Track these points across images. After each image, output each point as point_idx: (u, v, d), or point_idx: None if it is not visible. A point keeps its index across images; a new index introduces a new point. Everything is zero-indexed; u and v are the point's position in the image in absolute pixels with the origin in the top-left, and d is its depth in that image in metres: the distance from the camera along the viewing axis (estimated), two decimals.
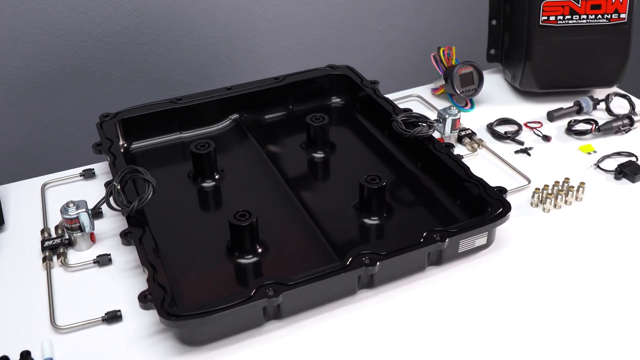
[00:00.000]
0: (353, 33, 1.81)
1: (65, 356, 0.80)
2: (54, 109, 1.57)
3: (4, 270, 0.93)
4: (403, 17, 1.85)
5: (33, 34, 1.46)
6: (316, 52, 1.79)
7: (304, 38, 1.76)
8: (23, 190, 1.07)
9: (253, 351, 0.81)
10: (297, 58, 1.78)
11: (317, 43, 1.78)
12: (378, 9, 1.81)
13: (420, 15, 1.86)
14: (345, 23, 1.78)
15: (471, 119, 1.25)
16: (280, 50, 1.75)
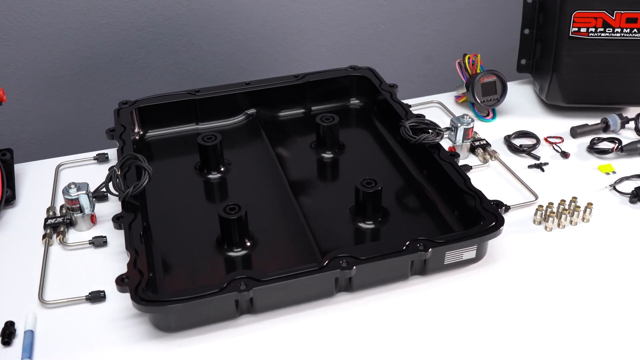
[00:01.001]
0: (395, 35, 1.79)
1: (45, 329, 0.83)
2: (96, 94, 1.63)
3: (7, 243, 0.97)
4: (448, 22, 1.82)
5: (79, 21, 1.53)
6: (355, 53, 1.78)
7: (343, 38, 1.76)
8: (39, 169, 1.12)
9: (224, 342, 0.82)
10: (336, 58, 1.78)
11: (357, 43, 1.77)
12: (422, 13, 1.78)
13: (466, 20, 1.83)
14: (386, 25, 1.77)
15: (491, 130, 1.22)
16: (319, 49, 1.76)
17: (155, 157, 1.15)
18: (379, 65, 1.83)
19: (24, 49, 1.52)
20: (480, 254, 0.92)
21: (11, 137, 1.62)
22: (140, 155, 0.97)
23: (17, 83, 1.55)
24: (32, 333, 0.82)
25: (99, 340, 0.82)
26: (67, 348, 0.81)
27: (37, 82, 1.57)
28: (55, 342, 0.82)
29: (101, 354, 0.80)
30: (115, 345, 0.81)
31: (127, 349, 0.81)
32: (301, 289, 0.85)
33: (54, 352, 0.80)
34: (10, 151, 1.09)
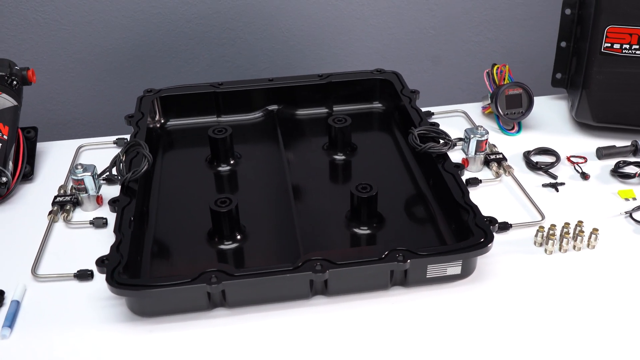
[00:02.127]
0: (444, 41, 1.75)
1: (32, 301, 0.88)
2: (144, 81, 1.69)
3: (17, 216, 1.03)
4: (502, 30, 1.77)
5: (132, 9, 1.58)
6: (403, 57, 1.76)
7: (392, 41, 1.74)
8: (61, 149, 1.18)
9: (195, 333, 0.83)
10: (383, 60, 1.76)
11: (405, 47, 1.75)
12: (475, 20, 1.74)
13: (521, 29, 1.77)
14: (436, 30, 1.74)
15: (514, 144, 1.18)
16: (366, 50, 1.75)
17: (172, 146, 1.18)
18: (426, 71, 1.82)
19: (80, 33, 1.59)
20: (467, 270, 0.89)
21: (64, 117, 1.70)
22: (144, 142, 1.00)
23: (73, 65, 1.63)
24: (17, 303, 0.86)
25: (76, 317, 0.85)
26: (46, 321, 0.85)
27: (89, 67, 1.64)
28: (38, 315, 0.86)
29: (75, 331, 0.83)
30: (90, 324, 0.84)
31: (101, 329, 0.83)
32: (275, 288, 0.85)
33: (34, 324, 0.84)
34: (35, 129, 1.15)
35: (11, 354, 0.81)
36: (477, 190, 1.06)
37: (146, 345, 0.82)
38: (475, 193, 1.06)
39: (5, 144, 1.04)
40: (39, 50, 1.60)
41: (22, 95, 1.13)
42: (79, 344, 0.82)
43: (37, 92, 1.66)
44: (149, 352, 0.81)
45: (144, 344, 0.82)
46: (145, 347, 0.81)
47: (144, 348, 0.81)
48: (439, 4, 1.70)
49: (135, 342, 0.82)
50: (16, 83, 1.09)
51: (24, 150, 1.09)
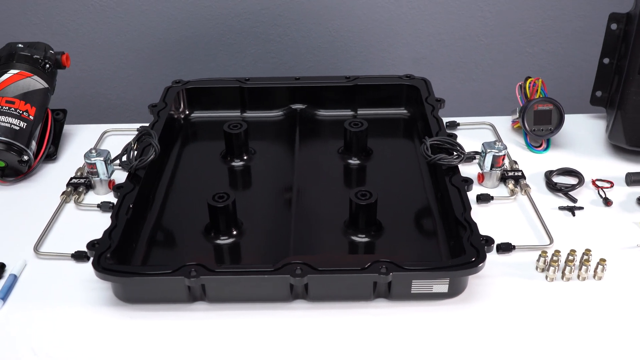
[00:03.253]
0: (497, 51, 1.70)
1: (29, 277, 0.91)
2: (191, 72, 1.73)
3: (35, 193, 1.08)
4: (560, 43, 1.69)
5: (183, 1, 1.62)
6: (452, 63, 1.71)
7: (440, 47, 1.70)
8: (88, 132, 1.22)
9: (174, 323, 0.84)
10: (430, 66, 1.73)
11: (453, 54, 1.70)
12: (530, 30, 1.67)
13: (580, 43, 1.68)
14: (489, 39, 1.68)
15: (540, 162, 1.12)
16: (413, 54, 1.71)
17: (192, 138, 1.20)
18: (475, 79, 1.76)
19: (133, 22, 1.65)
20: (455, 289, 0.86)
21: (113, 101, 1.76)
22: (153, 132, 1.02)
23: (125, 53, 1.69)
24: (14, 277, 0.90)
25: (66, 296, 0.88)
26: (38, 297, 0.88)
27: (140, 55, 1.69)
28: (31, 290, 0.89)
29: (62, 309, 0.86)
30: (77, 304, 0.87)
31: (85, 310, 0.86)
32: (255, 287, 0.85)
33: (26, 298, 0.88)
34: (64, 112, 1.19)
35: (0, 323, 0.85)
36: (487, 208, 1.02)
37: (125, 330, 0.83)
38: (485, 210, 1.02)
39: (30, 124, 1.08)
40: (94, 35, 1.66)
41: (55, 78, 1.17)
42: (62, 322, 0.84)
43: (89, 76, 1.73)
44: (126, 337, 0.82)
45: (123, 329, 0.84)
46: (124, 332, 0.83)
47: (123, 333, 0.83)
48: (493, 12, 1.64)
49: (115, 326, 0.84)
50: (49, 66, 1.14)
51: (51, 131, 1.14)
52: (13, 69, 1.10)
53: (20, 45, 1.13)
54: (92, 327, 0.84)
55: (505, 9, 1.63)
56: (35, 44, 1.15)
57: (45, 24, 1.64)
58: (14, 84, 1.09)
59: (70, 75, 1.72)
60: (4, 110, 1.06)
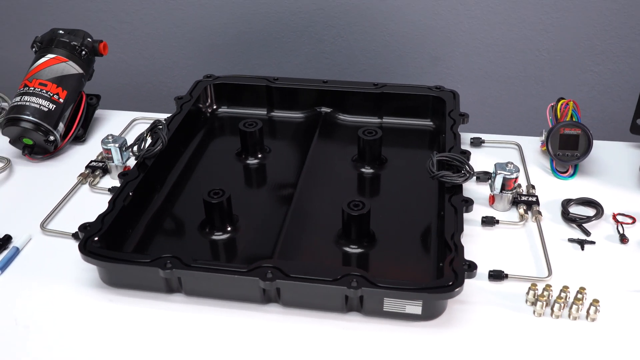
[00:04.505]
0: (557, 66, 1.61)
1: (31, 251, 0.96)
2: (246, 66, 1.76)
3: (57, 172, 1.13)
4: (630, 63, 1.58)
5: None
6: (509, 76, 1.65)
7: (498, 58, 1.63)
8: (119, 118, 1.27)
9: (150, 311, 0.86)
10: (487, 78, 1.67)
11: (512, 66, 1.64)
12: (596, 47, 1.57)
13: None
14: (551, 53, 1.60)
15: (562, 188, 1.06)
16: (470, 65, 1.66)
17: (215, 133, 1.22)
18: (534, 95, 1.69)
19: (192, 14, 1.69)
20: (430, 312, 0.82)
21: (168, 90, 1.82)
22: (164, 124, 1.05)
23: (185, 44, 1.74)
24: (16, 250, 0.96)
25: (58, 274, 0.92)
26: (33, 271, 0.93)
27: (197, 46, 1.74)
28: (28, 264, 0.94)
29: (50, 286, 0.90)
30: (65, 282, 0.90)
31: (71, 289, 0.89)
32: (227, 286, 0.85)
33: (22, 271, 0.93)
34: (98, 97, 1.25)
35: None
36: (491, 231, 0.98)
37: (102, 312, 0.86)
38: (489, 234, 0.97)
39: (59, 107, 1.14)
40: (156, 25, 1.73)
41: (91, 65, 1.23)
42: (48, 297, 0.88)
43: (150, 64, 1.80)
44: (102, 319, 0.85)
45: (101, 311, 0.87)
46: (101, 314, 0.86)
47: (99, 315, 0.86)
48: (555, 25, 1.56)
49: (94, 307, 0.87)
50: (85, 53, 1.19)
51: (82, 115, 1.20)
52: (51, 53, 1.16)
53: (61, 32, 1.19)
54: (73, 306, 0.87)
55: (570, 24, 1.55)
56: (75, 31, 1.20)
57: (112, 11, 1.72)
58: (49, 68, 1.15)
59: (133, 62, 1.80)
60: (36, 91, 1.12)
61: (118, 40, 1.78)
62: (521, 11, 1.56)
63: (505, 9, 1.57)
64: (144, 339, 0.83)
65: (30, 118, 1.10)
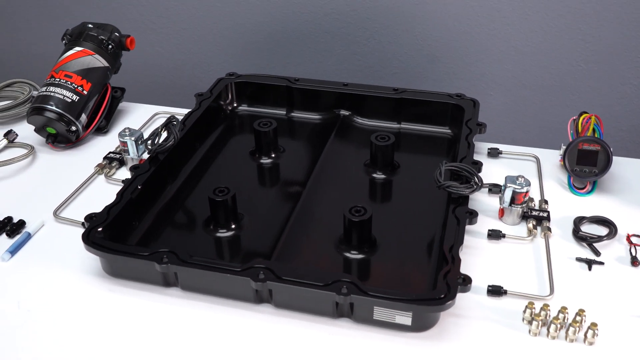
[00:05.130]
0: (596, 78, 1.56)
1: (40, 236, 1.00)
2: (279, 65, 1.77)
3: (77, 161, 1.16)
4: None
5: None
6: (542, 85, 1.61)
7: (532, 67, 1.60)
8: (143, 112, 1.30)
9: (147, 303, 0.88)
10: (520, 86, 1.63)
11: (547, 76, 1.60)
12: (637, 60, 1.52)
13: None
14: (589, 65, 1.55)
15: (578, 205, 1.03)
16: (503, 73, 1.63)
17: (233, 131, 1.23)
18: (568, 106, 1.64)
19: (228, 12, 1.72)
20: (421, 324, 0.81)
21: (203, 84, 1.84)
22: (178, 121, 1.06)
23: (220, 40, 1.77)
24: (28, 235, 0.99)
25: (64, 261, 0.94)
26: (42, 256, 0.96)
27: (232, 43, 1.76)
28: (38, 249, 0.97)
29: (55, 271, 0.93)
30: (69, 270, 0.93)
31: (74, 277, 0.92)
32: (221, 284, 0.86)
33: (30, 256, 0.96)
34: (123, 90, 1.28)
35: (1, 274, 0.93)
36: (497, 245, 0.96)
37: (101, 301, 0.88)
38: (494, 247, 0.95)
39: (83, 98, 1.17)
40: (195, 22, 1.75)
41: (118, 59, 1.25)
42: (51, 283, 0.91)
43: (187, 59, 1.83)
44: (100, 308, 0.87)
45: (99, 299, 0.89)
46: (100, 303, 0.88)
47: (98, 303, 0.88)
48: (596, 36, 1.51)
49: (94, 296, 0.89)
50: (112, 47, 1.22)
51: (106, 107, 1.22)
52: (78, 46, 1.20)
53: (90, 26, 1.22)
54: (74, 293, 0.90)
55: (611, 35, 1.50)
56: (104, 25, 1.23)
57: (152, 5, 1.76)
58: (76, 60, 1.18)
59: (169, 56, 1.83)
60: (61, 83, 1.16)
61: (156, 35, 1.82)
62: (559, 20, 1.52)
63: (543, 17, 1.53)
64: (137, 330, 0.84)
65: (54, 108, 1.14)
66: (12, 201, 1.07)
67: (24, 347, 0.82)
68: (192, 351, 0.81)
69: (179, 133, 1.05)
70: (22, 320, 0.86)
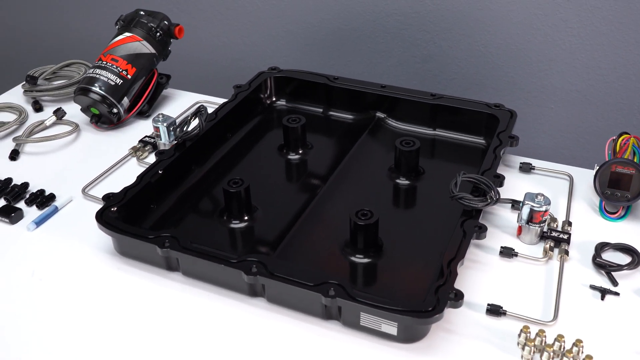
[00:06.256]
0: None
1: (66, 211, 1.05)
2: (340, 63, 1.77)
3: (116, 142, 1.21)
4: None
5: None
6: (608, 103, 1.52)
7: (598, 82, 1.51)
8: (185, 99, 1.33)
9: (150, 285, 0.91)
10: (584, 101, 1.55)
11: (613, 92, 1.51)
12: None
13: None
14: None
15: (607, 230, 0.97)
16: (567, 86, 1.55)
17: (267, 124, 1.24)
18: (637, 127, 1.53)
19: (293, 7, 1.73)
20: (407, 335, 0.79)
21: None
22: (206, 110, 1.09)
23: (283, 34, 1.79)
24: (55, 209, 1.04)
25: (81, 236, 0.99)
26: (62, 230, 1.01)
27: (294, 38, 1.77)
28: (62, 223, 1.02)
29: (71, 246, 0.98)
30: (85, 245, 0.97)
31: (88, 252, 0.96)
32: (218, 273, 0.87)
33: (53, 229, 1.01)
34: (168, 77, 1.32)
35: (24, 243, 0.99)
36: (508, 263, 0.92)
37: (107, 278, 0.92)
38: (505, 265, 0.91)
39: (126, 82, 1.22)
40: (260, 14, 1.78)
41: (166, 47, 1.30)
42: (66, 256, 0.96)
43: (251, 50, 1.86)
44: (105, 283, 0.91)
45: (107, 276, 0.93)
46: (106, 279, 0.92)
47: (104, 279, 0.92)
48: None
49: (102, 271, 0.93)
50: (160, 35, 1.26)
51: (150, 92, 1.27)
52: (128, 32, 1.25)
53: (142, 13, 1.27)
54: (85, 268, 0.94)
55: None
56: (155, 13, 1.27)
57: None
58: (124, 45, 1.23)
59: (235, 47, 1.87)
60: (107, 66, 1.21)
61: (223, 25, 1.86)
62: (630, 34, 1.43)
63: (612, 30, 1.45)
64: (135, 310, 0.87)
65: (98, 90, 1.19)
66: (50, 175, 1.13)
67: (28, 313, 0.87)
68: (183, 335, 0.83)
69: (205, 122, 1.07)
70: (33, 289, 0.91)
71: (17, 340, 0.83)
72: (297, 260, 0.92)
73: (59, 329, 0.85)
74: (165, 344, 0.82)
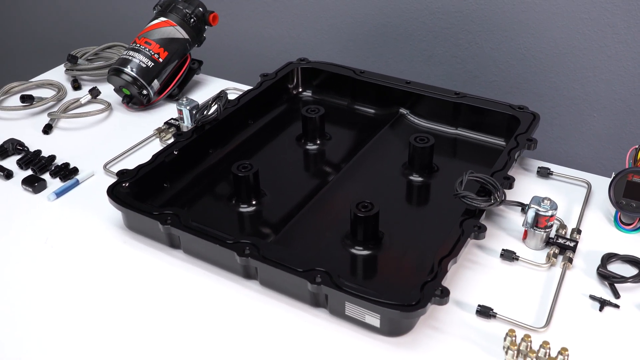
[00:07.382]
0: None
1: (86, 185, 1.09)
2: (380, 60, 1.77)
3: (144, 123, 1.25)
4: None
5: None
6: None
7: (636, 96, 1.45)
8: (214, 85, 1.36)
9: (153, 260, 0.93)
10: (628, 111, 1.50)
11: None
12: None
13: None
14: None
15: (618, 241, 0.93)
16: (610, 95, 1.50)
17: (292, 114, 1.26)
18: None
19: (337, 2, 1.74)
20: (390, 328, 0.79)
21: None
22: (226, 96, 1.11)
23: (327, 29, 1.80)
24: (76, 182, 1.09)
25: (97, 209, 1.03)
26: (79, 202, 1.05)
27: (338, 33, 1.78)
28: (80, 196, 1.07)
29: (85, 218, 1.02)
30: (98, 218, 1.01)
31: (100, 224, 1.00)
32: (214, 253, 0.89)
33: (72, 200, 1.06)
34: (200, 62, 1.35)
35: (43, 211, 1.04)
36: (509, 266, 0.90)
37: (113, 250, 0.96)
38: (504, 268, 0.90)
39: (158, 66, 1.26)
40: (305, 7, 1.80)
41: (200, 33, 1.33)
42: (78, 227, 1.00)
43: (295, 43, 1.88)
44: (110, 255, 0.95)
45: (113, 248, 0.96)
46: (112, 251, 0.96)
47: (110, 251, 0.95)
48: None
49: (109, 244, 0.97)
50: (194, 21, 1.29)
51: (181, 76, 1.30)
52: (164, 16, 1.28)
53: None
54: (94, 240, 0.98)
55: None
56: (191, 0, 1.31)
57: None
58: (158, 29, 1.27)
59: (280, 39, 1.90)
60: (140, 48, 1.25)
61: (270, 17, 1.89)
62: None
63: None
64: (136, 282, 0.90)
65: (130, 72, 1.23)
66: (78, 149, 1.18)
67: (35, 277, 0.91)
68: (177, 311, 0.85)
69: (223, 108, 1.09)
70: (44, 254, 0.95)
71: (21, 301, 0.88)
72: (296, 246, 0.93)
73: (61, 294, 0.89)
74: (161, 317, 0.85)
